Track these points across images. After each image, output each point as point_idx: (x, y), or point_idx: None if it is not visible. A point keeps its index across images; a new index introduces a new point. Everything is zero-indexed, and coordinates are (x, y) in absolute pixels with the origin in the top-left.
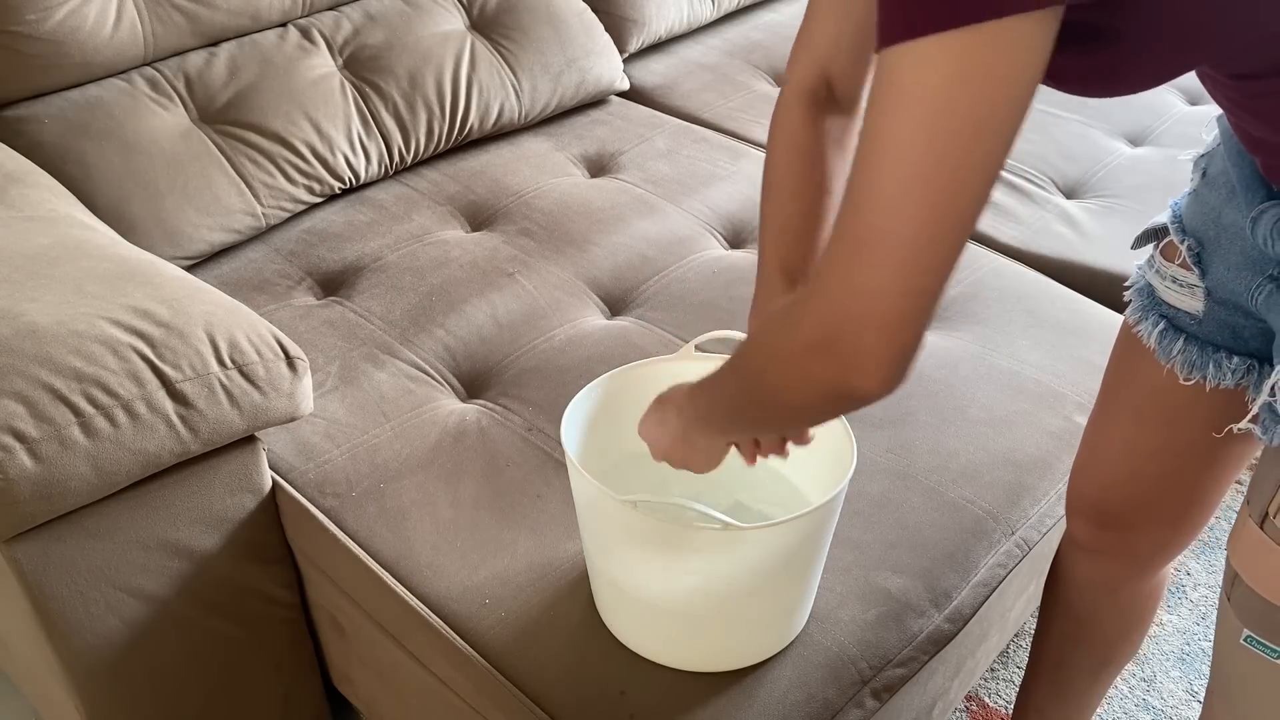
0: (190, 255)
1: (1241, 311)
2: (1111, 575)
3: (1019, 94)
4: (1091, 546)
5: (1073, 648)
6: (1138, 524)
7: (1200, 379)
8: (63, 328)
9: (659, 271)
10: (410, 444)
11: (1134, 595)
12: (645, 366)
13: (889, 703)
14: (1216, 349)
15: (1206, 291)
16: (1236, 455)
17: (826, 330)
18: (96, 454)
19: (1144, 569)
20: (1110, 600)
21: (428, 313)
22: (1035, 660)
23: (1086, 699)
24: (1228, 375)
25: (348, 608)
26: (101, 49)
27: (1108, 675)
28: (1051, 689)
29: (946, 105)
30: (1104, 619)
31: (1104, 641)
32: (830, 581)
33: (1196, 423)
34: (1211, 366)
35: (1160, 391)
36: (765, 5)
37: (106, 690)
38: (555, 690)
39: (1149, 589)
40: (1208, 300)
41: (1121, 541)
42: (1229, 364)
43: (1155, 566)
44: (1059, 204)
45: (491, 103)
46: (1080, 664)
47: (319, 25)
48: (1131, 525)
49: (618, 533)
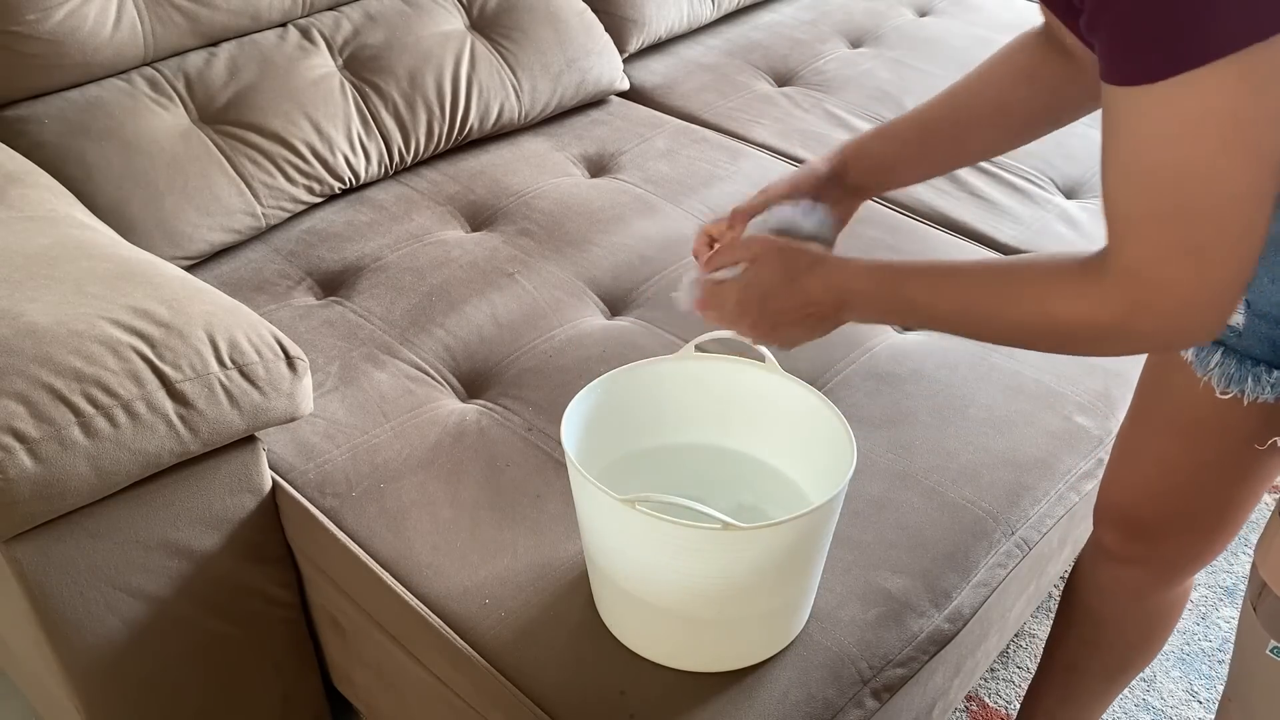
0: (190, 255)
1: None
2: (1138, 584)
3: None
4: (1121, 556)
5: (1090, 653)
6: (1169, 535)
7: (1238, 392)
8: (63, 328)
9: (659, 271)
10: (410, 444)
11: (1159, 603)
12: (645, 366)
13: (889, 703)
14: (1256, 362)
15: (1246, 304)
16: (1271, 467)
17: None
18: (96, 454)
19: (1171, 578)
20: (1135, 607)
21: (428, 313)
22: (1048, 664)
23: (1098, 705)
24: (1266, 389)
25: (348, 608)
26: (101, 49)
27: (1122, 682)
28: (1063, 693)
29: (1239, 122)
30: (1127, 626)
31: (1124, 648)
32: (830, 581)
33: (1232, 435)
34: (1250, 380)
35: (1196, 404)
36: (765, 5)
37: (106, 690)
38: (555, 690)
39: (1174, 598)
40: (1247, 313)
41: (1151, 551)
42: (1268, 377)
43: (1182, 576)
44: (1059, 204)
45: (491, 103)
46: (1096, 670)
47: (319, 25)
48: (1162, 536)
49: (617, 533)
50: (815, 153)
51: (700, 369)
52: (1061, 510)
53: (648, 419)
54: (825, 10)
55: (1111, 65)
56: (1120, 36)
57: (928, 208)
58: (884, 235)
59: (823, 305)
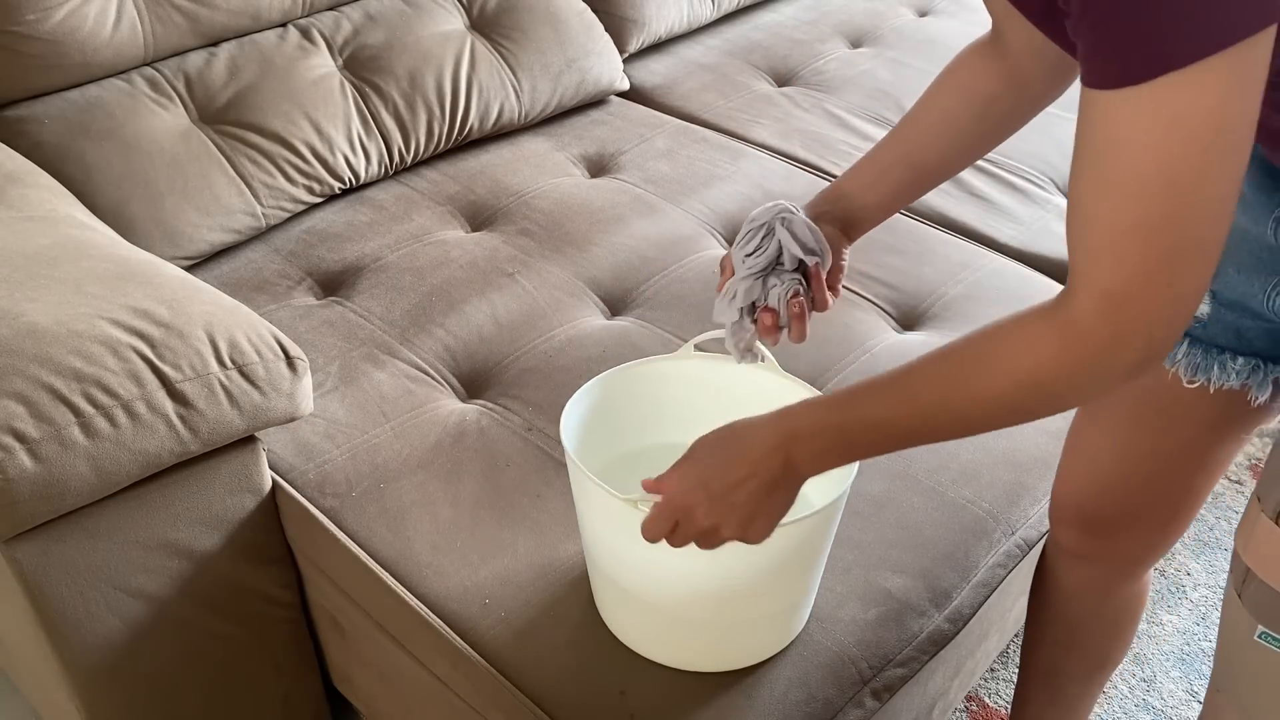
0: (190, 255)
1: (1249, 313)
2: (1101, 580)
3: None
4: (1080, 553)
5: (1065, 654)
6: (1126, 528)
7: (1205, 381)
8: (63, 328)
9: (659, 271)
10: (410, 444)
11: (1125, 597)
12: (644, 365)
13: (889, 702)
14: (1221, 350)
15: (1212, 294)
16: (1229, 455)
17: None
18: (96, 454)
19: (1132, 572)
20: (1102, 605)
21: (428, 313)
22: (1028, 669)
23: (1084, 701)
24: (1232, 376)
25: (348, 608)
26: (101, 49)
27: (1102, 677)
28: (1047, 696)
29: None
30: (1096, 624)
31: (1099, 645)
32: (830, 581)
33: (1194, 424)
34: (1216, 368)
35: (1159, 393)
36: (765, 5)
37: (106, 690)
38: (555, 690)
39: (1139, 590)
40: (1213, 303)
41: (1110, 547)
42: (1234, 365)
43: (1142, 569)
44: (1059, 204)
45: (491, 103)
46: (1075, 670)
47: (319, 25)
48: (1120, 530)
49: (618, 531)
50: (815, 153)
51: (700, 368)
52: None
53: (648, 417)
54: (825, 10)
55: (1093, 68)
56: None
57: (927, 208)
58: (883, 235)
59: (768, 464)
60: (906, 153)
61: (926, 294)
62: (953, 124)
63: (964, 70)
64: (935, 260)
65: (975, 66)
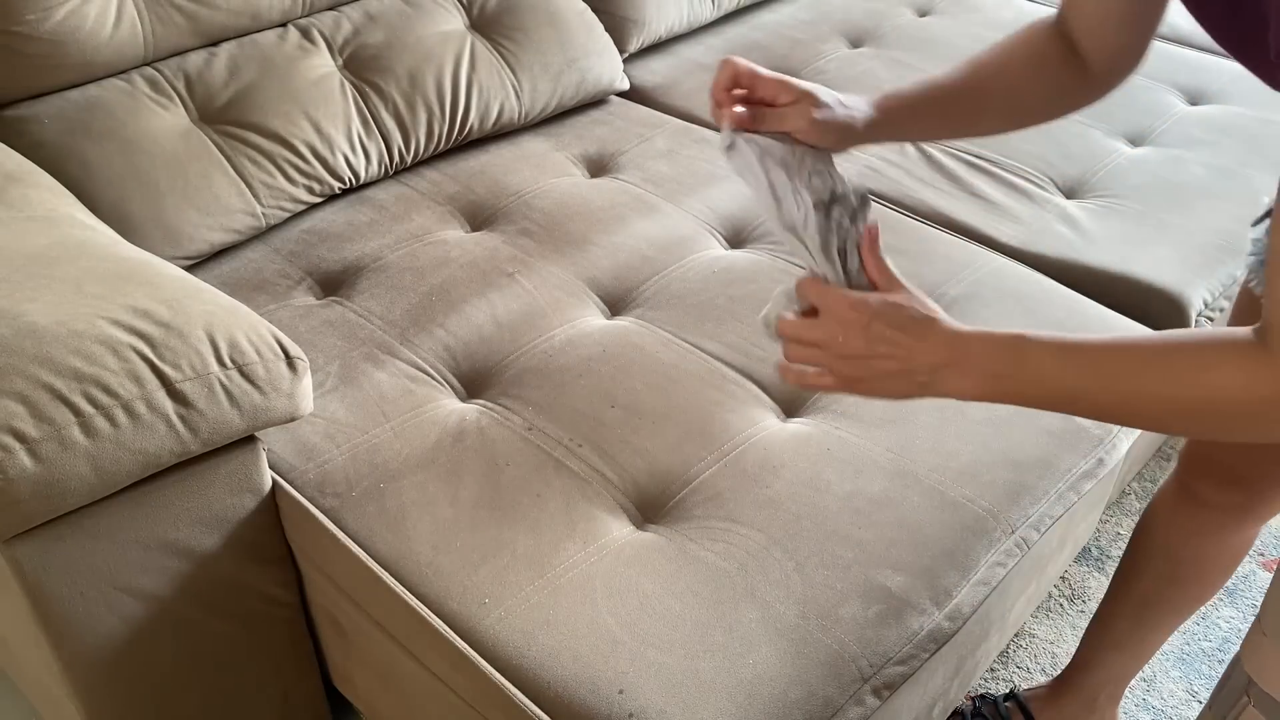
0: (190, 255)
1: None
2: (1223, 525)
3: None
4: (1214, 503)
5: (1166, 586)
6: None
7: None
8: (63, 328)
9: (659, 271)
10: (410, 444)
11: (1239, 541)
12: None
13: (889, 700)
14: None
15: None
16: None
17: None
18: (96, 454)
19: (1261, 515)
20: (1216, 546)
21: (428, 313)
22: (1122, 596)
23: (1165, 631)
24: None
25: (348, 608)
26: (101, 49)
27: (1191, 610)
28: (1134, 623)
29: None
30: (1206, 563)
31: (1201, 581)
32: (831, 579)
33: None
34: None
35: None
36: (765, 5)
37: (106, 690)
38: (555, 690)
39: (1252, 535)
40: None
41: (1245, 498)
42: None
43: (1266, 517)
44: (1059, 204)
45: (491, 103)
46: (1172, 603)
47: (319, 25)
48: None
49: None
50: None
51: None
52: (1061, 509)
53: None
54: (825, 10)
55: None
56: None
57: (928, 208)
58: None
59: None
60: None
61: (927, 293)
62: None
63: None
64: (935, 260)
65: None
